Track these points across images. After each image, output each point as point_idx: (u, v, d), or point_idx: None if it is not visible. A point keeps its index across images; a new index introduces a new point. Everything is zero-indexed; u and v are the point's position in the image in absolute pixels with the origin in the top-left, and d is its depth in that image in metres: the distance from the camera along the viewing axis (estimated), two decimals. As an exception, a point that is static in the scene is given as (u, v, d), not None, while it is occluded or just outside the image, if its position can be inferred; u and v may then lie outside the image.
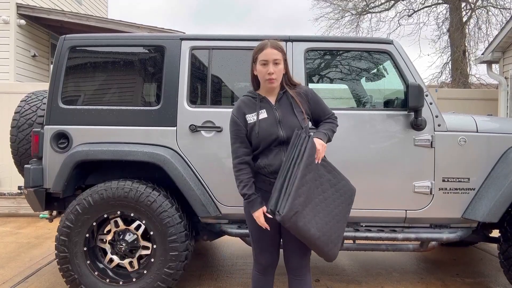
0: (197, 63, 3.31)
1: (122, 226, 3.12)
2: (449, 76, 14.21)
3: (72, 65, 3.32)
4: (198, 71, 3.31)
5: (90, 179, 3.40)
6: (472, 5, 13.94)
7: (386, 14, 16.74)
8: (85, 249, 3.06)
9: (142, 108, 3.24)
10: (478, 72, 26.74)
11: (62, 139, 3.22)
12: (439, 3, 14.76)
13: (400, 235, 3.10)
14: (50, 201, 3.32)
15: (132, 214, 3.06)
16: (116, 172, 3.32)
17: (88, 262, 3.07)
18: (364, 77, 3.66)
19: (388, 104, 3.29)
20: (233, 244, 4.82)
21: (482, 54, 8.34)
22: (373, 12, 15.92)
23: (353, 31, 15.76)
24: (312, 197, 2.11)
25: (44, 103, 3.41)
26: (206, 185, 3.16)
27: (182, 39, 3.28)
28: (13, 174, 5.69)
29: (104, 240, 3.15)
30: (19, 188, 3.53)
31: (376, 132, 3.14)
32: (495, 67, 8.75)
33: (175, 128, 3.18)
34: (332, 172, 2.25)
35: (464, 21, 13.80)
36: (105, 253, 3.16)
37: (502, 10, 13.49)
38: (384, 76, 3.48)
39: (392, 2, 15.39)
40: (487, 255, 4.58)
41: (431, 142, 3.12)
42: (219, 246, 4.82)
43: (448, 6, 14.09)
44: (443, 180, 3.13)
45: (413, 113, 3.10)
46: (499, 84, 7.73)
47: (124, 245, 3.09)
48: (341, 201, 2.24)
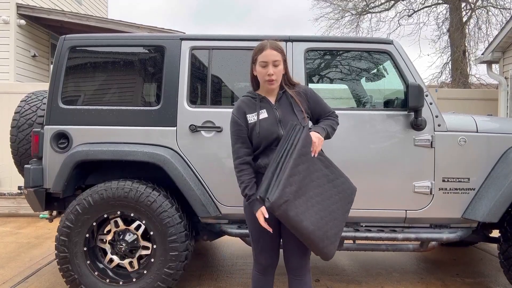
0: (197, 63, 3.31)
1: (122, 226, 3.12)
2: (449, 76, 14.22)
3: (72, 65, 3.33)
4: (198, 71, 3.31)
5: (90, 179, 3.40)
6: (472, 5, 13.94)
7: (386, 14, 16.78)
8: (85, 249, 3.06)
9: (142, 108, 3.24)
10: (478, 72, 26.81)
11: (62, 139, 3.22)
12: (439, 3, 14.76)
13: (400, 235, 3.10)
14: (50, 201, 3.32)
15: (132, 214, 3.06)
16: (116, 172, 3.33)
17: (88, 262, 3.07)
18: (364, 77, 3.65)
19: (388, 104, 3.29)
20: (233, 244, 4.82)
21: (482, 54, 8.34)
22: (373, 12, 15.93)
23: (353, 31, 15.77)
24: (306, 190, 2.06)
25: (44, 103, 3.41)
26: (206, 185, 3.16)
27: (182, 39, 3.28)
28: (13, 174, 5.70)
29: (104, 240, 3.15)
30: (19, 188, 3.53)
31: (376, 132, 3.14)
32: (495, 67, 8.75)
33: (175, 128, 3.18)
34: (330, 168, 2.21)
35: (464, 21, 13.80)
36: (105, 253, 3.16)
37: (502, 10, 13.50)
38: (384, 76, 3.48)
39: (392, 2, 15.39)
40: (487, 255, 4.58)
41: (431, 142, 3.12)
42: (219, 246, 4.82)
43: (448, 6, 14.09)
44: (443, 180, 3.13)
45: (413, 113, 3.10)
46: (499, 84, 7.73)
47: (124, 245, 3.09)
48: (339, 198, 2.20)
